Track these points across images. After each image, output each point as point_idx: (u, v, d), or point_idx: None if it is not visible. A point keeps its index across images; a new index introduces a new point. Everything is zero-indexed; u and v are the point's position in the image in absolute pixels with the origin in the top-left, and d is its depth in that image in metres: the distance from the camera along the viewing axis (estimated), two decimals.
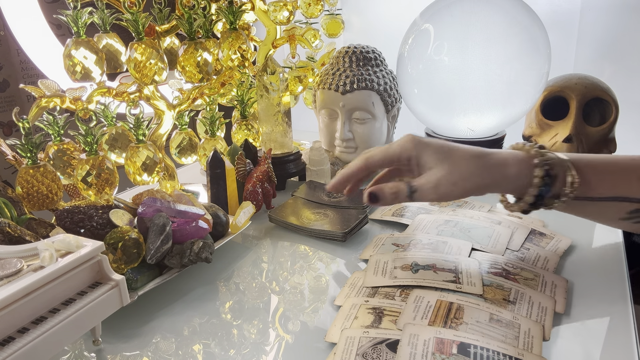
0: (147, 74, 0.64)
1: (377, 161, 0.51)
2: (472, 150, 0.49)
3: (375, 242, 0.61)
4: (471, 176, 0.47)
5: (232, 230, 0.63)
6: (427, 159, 0.48)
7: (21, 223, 0.52)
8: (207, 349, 0.45)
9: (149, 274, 0.52)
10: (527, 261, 0.54)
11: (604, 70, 1.11)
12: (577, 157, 0.50)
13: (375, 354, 0.40)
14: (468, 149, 0.49)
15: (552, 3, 1.12)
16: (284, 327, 0.48)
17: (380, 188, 0.50)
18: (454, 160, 0.48)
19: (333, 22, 0.98)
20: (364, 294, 0.49)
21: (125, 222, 0.53)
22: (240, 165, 0.72)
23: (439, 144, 0.49)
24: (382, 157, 0.51)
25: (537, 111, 0.85)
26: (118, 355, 0.45)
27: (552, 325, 0.44)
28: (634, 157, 0.51)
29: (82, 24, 0.63)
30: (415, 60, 0.79)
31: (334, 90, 0.82)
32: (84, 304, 0.40)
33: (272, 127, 0.81)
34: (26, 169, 0.60)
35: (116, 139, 0.76)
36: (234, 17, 0.71)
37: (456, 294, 0.47)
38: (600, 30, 1.10)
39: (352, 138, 0.83)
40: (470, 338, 0.41)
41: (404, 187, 0.48)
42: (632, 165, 0.50)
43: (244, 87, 0.87)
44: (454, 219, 0.64)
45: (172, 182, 0.74)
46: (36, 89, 0.63)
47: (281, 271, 0.58)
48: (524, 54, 0.74)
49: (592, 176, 0.49)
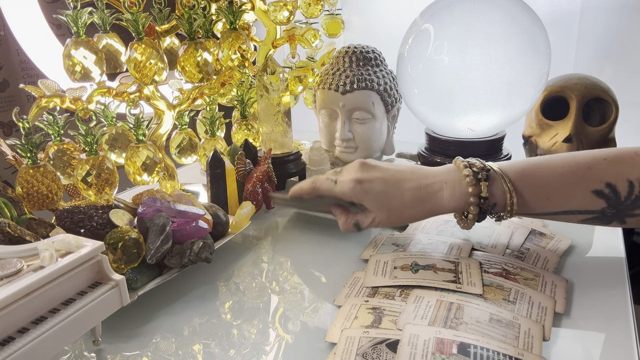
0: (147, 74, 0.64)
1: (323, 192, 0.55)
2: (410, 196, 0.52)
3: (375, 242, 0.61)
4: (408, 219, 0.54)
5: (232, 230, 0.63)
6: (367, 205, 0.53)
7: (21, 223, 0.52)
8: (207, 349, 0.45)
9: (149, 274, 0.52)
10: (527, 261, 0.54)
11: (604, 70, 1.11)
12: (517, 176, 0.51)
13: (375, 354, 0.40)
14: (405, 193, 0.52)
15: (552, 3, 1.12)
16: (284, 327, 0.48)
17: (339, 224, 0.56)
18: (392, 208, 0.53)
19: (333, 22, 0.98)
20: (364, 294, 0.49)
21: (125, 222, 0.53)
22: (240, 165, 0.72)
23: (377, 193, 0.52)
24: (327, 191, 0.55)
25: (537, 111, 0.85)
26: (118, 355, 0.45)
27: (552, 325, 0.44)
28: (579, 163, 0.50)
29: (82, 24, 0.63)
30: (415, 60, 0.79)
31: (334, 90, 0.82)
32: (84, 304, 0.40)
33: (272, 127, 0.81)
34: (26, 169, 0.60)
35: (116, 139, 0.76)
36: (234, 17, 0.71)
37: (456, 294, 0.47)
38: (600, 30, 1.10)
39: (352, 138, 0.83)
40: (470, 338, 0.41)
41: (352, 227, 0.55)
42: (580, 174, 0.50)
43: (244, 87, 0.87)
44: (454, 219, 0.64)
45: (172, 182, 0.74)
46: (36, 89, 0.63)
47: (281, 271, 0.58)
48: (524, 54, 0.74)
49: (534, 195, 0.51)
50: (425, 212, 0.53)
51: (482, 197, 0.50)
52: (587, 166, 0.49)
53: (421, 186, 0.52)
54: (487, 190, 0.50)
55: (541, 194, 0.50)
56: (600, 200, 0.49)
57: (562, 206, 0.50)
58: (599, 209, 0.49)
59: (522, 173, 0.51)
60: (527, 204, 0.51)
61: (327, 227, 0.69)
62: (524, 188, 0.50)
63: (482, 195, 0.50)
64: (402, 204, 0.52)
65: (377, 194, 0.53)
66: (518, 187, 0.50)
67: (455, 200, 0.51)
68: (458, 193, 0.51)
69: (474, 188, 0.50)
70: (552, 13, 1.13)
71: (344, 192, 0.53)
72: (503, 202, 0.51)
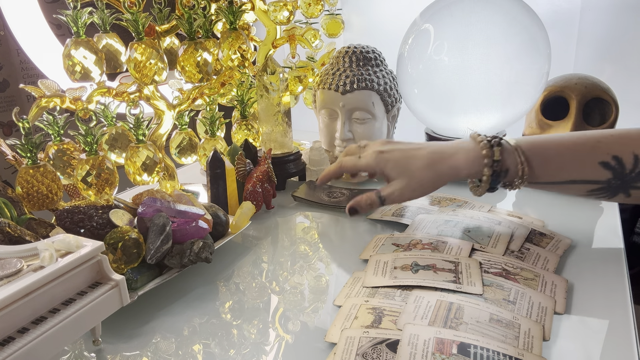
0: (147, 74, 0.64)
1: (349, 169, 0.62)
2: (427, 159, 0.57)
3: (375, 242, 0.61)
4: (428, 183, 0.57)
5: (232, 230, 0.63)
6: (388, 173, 0.58)
7: (21, 223, 0.52)
8: (207, 349, 0.45)
9: (149, 274, 0.52)
10: (527, 261, 0.54)
11: (604, 70, 1.11)
12: (529, 146, 0.54)
13: (375, 354, 0.40)
14: (423, 157, 0.57)
15: (552, 3, 1.12)
16: (284, 327, 0.48)
17: (357, 201, 0.59)
18: (411, 173, 0.57)
19: (333, 22, 0.98)
20: (364, 294, 0.49)
21: (125, 222, 0.53)
22: (240, 165, 0.72)
23: (397, 159, 0.58)
24: (352, 166, 0.61)
25: (537, 111, 0.85)
26: (118, 355, 0.45)
27: (552, 325, 0.44)
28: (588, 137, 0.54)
29: (82, 24, 0.63)
30: (415, 60, 0.79)
31: (334, 90, 0.82)
32: (84, 304, 0.40)
33: (272, 127, 0.81)
34: (26, 169, 0.60)
35: (116, 139, 0.76)
36: (234, 17, 0.71)
37: (456, 294, 0.47)
38: (600, 30, 1.10)
39: (352, 138, 0.83)
40: (470, 338, 0.41)
41: (375, 198, 0.58)
42: (588, 146, 0.53)
43: (244, 87, 0.87)
44: (454, 219, 0.64)
45: (172, 182, 0.74)
46: (36, 89, 0.63)
47: (281, 271, 0.58)
48: (524, 54, 0.74)
49: (544, 164, 0.54)
50: (442, 174, 0.56)
51: (495, 161, 0.53)
52: (596, 140, 0.53)
53: (437, 151, 0.57)
54: (500, 155, 0.53)
55: (552, 163, 0.54)
56: (606, 172, 0.52)
57: (571, 176, 0.54)
58: (605, 179, 0.53)
59: (534, 144, 0.55)
60: (538, 173, 0.54)
61: (327, 227, 0.69)
62: (535, 157, 0.54)
63: (495, 158, 0.53)
64: (419, 168, 0.56)
65: (396, 160, 0.58)
66: (529, 156, 0.54)
67: (470, 162, 0.55)
68: (472, 156, 0.55)
69: (487, 151, 0.54)
70: (552, 13, 1.13)
71: (368, 163, 0.59)
72: (515, 168, 0.54)
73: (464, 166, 0.55)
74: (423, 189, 0.57)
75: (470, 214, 0.66)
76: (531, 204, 0.72)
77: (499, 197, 0.75)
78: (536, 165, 0.54)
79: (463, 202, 0.72)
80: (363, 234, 0.65)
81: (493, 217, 0.64)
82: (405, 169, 0.57)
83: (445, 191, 0.77)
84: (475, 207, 0.69)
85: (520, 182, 0.55)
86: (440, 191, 0.77)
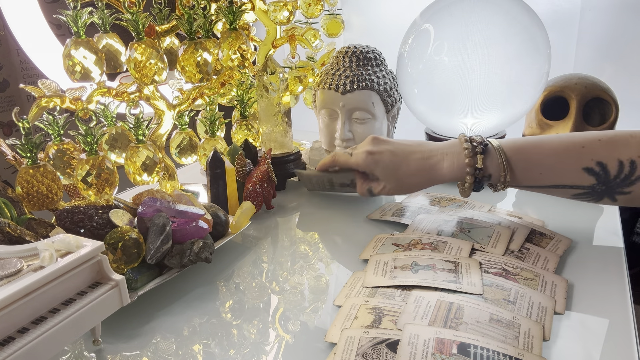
0: (147, 74, 0.64)
1: (341, 163, 0.67)
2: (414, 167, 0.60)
3: (375, 242, 0.61)
4: (414, 187, 0.62)
5: (232, 230, 0.63)
6: (378, 174, 0.63)
7: (21, 223, 0.52)
8: (207, 349, 0.45)
9: (149, 274, 0.52)
10: (527, 261, 0.54)
11: (604, 70, 1.12)
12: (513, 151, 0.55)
13: (375, 354, 0.40)
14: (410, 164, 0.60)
15: (552, 3, 1.12)
16: (284, 327, 0.48)
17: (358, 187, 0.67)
18: (399, 178, 0.61)
19: (333, 22, 0.98)
20: (364, 294, 0.49)
21: (125, 222, 0.53)
22: (240, 165, 0.72)
23: (386, 163, 0.61)
24: (344, 162, 0.66)
25: (537, 111, 0.85)
26: (118, 355, 0.45)
27: (552, 325, 0.44)
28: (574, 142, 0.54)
29: (82, 24, 0.63)
30: (415, 60, 0.79)
31: (334, 90, 0.82)
32: (84, 304, 0.40)
33: (272, 127, 0.81)
34: (26, 169, 0.60)
35: (116, 139, 0.76)
36: (234, 17, 0.71)
37: (456, 294, 0.47)
38: (600, 30, 1.10)
39: (352, 138, 0.83)
40: (470, 338, 0.41)
41: (366, 192, 0.66)
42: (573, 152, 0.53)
43: (244, 87, 0.87)
44: (454, 219, 0.64)
45: (172, 182, 0.74)
46: (36, 89, 0.63)
47: (281, 271, 0.58)
48: (524, 54, 0.74)
49: (527, 169, 0.55)
50: (428, 180, 0.60)
51: (477, 169, 0.56)
52: (581, 145, 0.53)
53: (425, 157, 0.60)
54: (482, 163, 0.55)
55: (534, 169, 0.55)
56: (590, 177, 0.53)
57: (554, 181, 0.55)
58: (589, 184, 0.53)
59: (519, 149, 0.55)
60: (520, 177, 0.56)
61: (327, 227, 0.69)
62: (518, 162, 0.55)
63: (477, 166, 0.56)
64: (407, 173, 0.60)
65: (386, 164, 0.61)
66: (513, 161, 0.55)
67: (454, 170, 0.58)
68: (457, 164, 0.57)
69: (470, 159, 0.56)
70: (552, 13, 1.13)
71: (358, 163, 0.63)
72: (497, 174, 0.56)
73: (448, 174, 0.59)
74: (410, 191, 0.65)
75: (470, 214, 0.66)
76: (531, 204, 0.72)
77: (499, 197, 0.75)
78: (519, 170, 0.55)
79: (463, 202, 0.72)
80: (363, 234, 0.65)
81: (493, 217, 0.64)
82: (393, 174, 0.61)
83: (445, 191, 0.77)
84: (475, 207, 0.69)
85: (503, 186, 0.56)
86: (441, 191, 0.77)
